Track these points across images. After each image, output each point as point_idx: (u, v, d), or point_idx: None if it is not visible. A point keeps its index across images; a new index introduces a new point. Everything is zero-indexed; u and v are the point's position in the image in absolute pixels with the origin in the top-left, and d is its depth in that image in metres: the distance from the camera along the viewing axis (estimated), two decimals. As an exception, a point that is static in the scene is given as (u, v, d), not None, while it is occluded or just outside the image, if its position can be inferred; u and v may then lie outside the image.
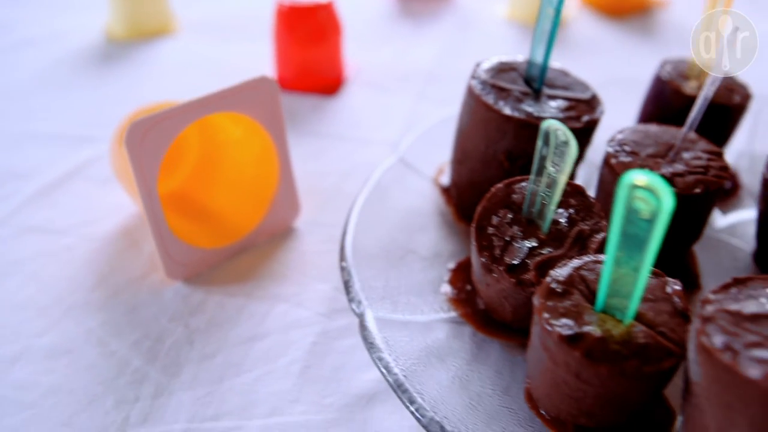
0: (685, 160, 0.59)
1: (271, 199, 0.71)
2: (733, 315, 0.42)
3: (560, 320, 0.45)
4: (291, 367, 0.58)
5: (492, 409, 0.52)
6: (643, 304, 0.46)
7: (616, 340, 0.44)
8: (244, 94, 0.65)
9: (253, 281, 0.67)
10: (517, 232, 0.53)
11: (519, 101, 0.62)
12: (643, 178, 0.37)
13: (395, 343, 0.55)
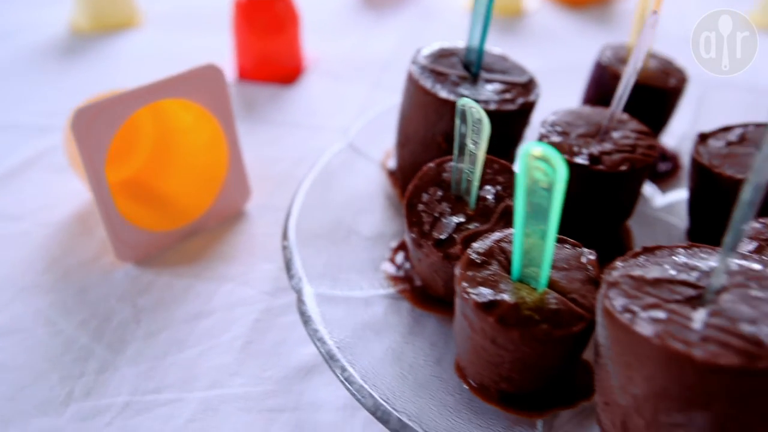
0: (614, 139, 0.61)
1: (221, 184, 0.72)
2: (636, 280, 0.44)
3: (477, 289, 0.47)
4: (233, 342, 0.60)
5: (423, 378, 0.54)
6: (558, 273, 0.48)
7: (528, 307, 0.46)
8: (191, 82, 0.66)
9: (202, 262, 0.68)
10: (446, 209, 0.55)
11: (456, 85, 0.64)
12: (539, 150, 0.39)
13: (332, 318, 0.57)
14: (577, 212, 0.62)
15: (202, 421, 0.54)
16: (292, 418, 0.54)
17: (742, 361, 0.37)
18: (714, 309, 0.41)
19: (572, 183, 0.59)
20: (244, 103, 0.94)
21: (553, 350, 0.46)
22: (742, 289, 0.42)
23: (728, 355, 0.38)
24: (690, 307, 0.41)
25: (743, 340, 0.38)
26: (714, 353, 0.38)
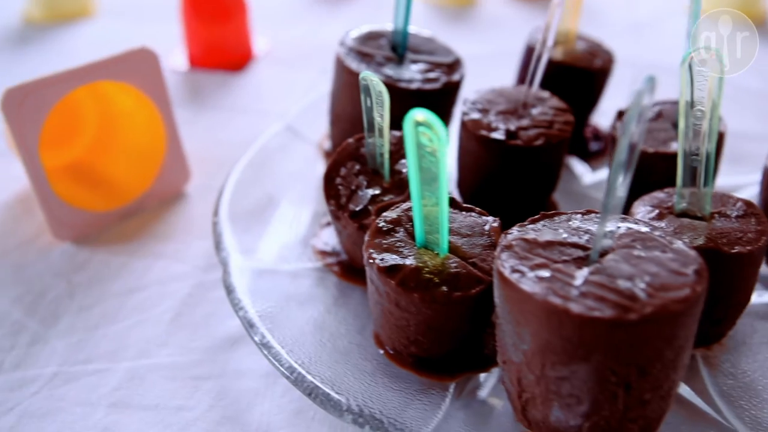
0: (533, 115, 0.64)
1: (160, 166, 0.74)
2: (529, 242, 0.46)
3: (382, 254, 0.49)
4: (164, 315, 0.62)
5: (343, 346, 0.56)
6: (461, 239, 0.50)
7: (429, 270, 0.48)
8: (125, 65, 0.68)
9: (139, 241, 0.70)
10: (362, 182, 0.57)
11: (381, 65, 0.66)
12: (422, 116, 0.41)
13: (256, 289, 0.59)
14: (500, 187, 0.64)
15: (128, 389, 0.56)
16: (215, 385, 0.56)
17: (615, 313, 0.40)
18: (597, 268, 0.43)
19: (491, 158, 0.62)
20: (193, 90, 0.96)
21: (454, 312, 0.48)
22: (626, 249, 0.45)
23: (603, 309, 0.40)
24: (575, 266, 0.44)
25: (618, 295, 0.41)
26: (590, 307, 0.40)
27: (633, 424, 0.44)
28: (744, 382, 0.54)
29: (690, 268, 0.43)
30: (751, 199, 0.55)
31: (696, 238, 0.51)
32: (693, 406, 0.52)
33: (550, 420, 0.45)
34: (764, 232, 0.51)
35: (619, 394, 0.42)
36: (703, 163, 0.52)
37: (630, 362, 0.41)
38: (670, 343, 0.41)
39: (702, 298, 0.42)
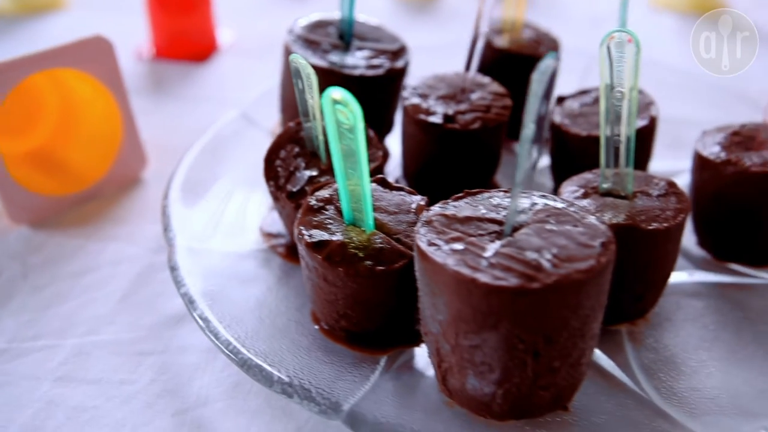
0: (472, 100, 0.66)
1: (117, 152, 0.76)
2: (448, 218, 0.48)
3: (311, 231, 0.51)
4: (113, 294, 0.64)
5: (281, 323, 0.58)
6: (388, 216, 0.52)
7: (355, 246, 0.50)
8: (80, 53, 0.70)
9: (95, 224, 0.72)
10: (300, 164, 0.59)
11: (327, 52, 0.68)
12: (338, 94, 0.43)
13: (200, 269, 0.60)
14: (441, 170, 0.66)
15: (74, 363, 0.57)
16: (158, 360, 0.58)
17: (520, 283, 0.42)
18: (509, 241, 0.45)
19: (430, 142, 0.64)
20: (157, 79, 0.97)
21: (378, 286, 0.50)
22: (540, 224, 0.47)
23: (508, 278, 0.42)
24: (489, 240, 0.46)
25: (525, 266, 0.43)
26: (496, 276, 0.42)
27: (545, 391, 0.46)
28: (665, 356, 0.56)
29: (597, 241, 0.45)
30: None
31: (616, 216, 0.53)
32: (614, 378, 0.54)
33: (466, 388, 0.47)
34: (682, 210, 0.54)
35: (528, 361, 0.44)
36: (624, 145, 0.54)
37: (536, 330, 0.43)
38: (575, 312, 0.43)
39: (607, 269, 0.44)
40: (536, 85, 0.41)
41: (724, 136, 0.63)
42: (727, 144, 0.62)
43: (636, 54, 0.50)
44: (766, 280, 0.62)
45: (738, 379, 0.53)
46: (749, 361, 0.55)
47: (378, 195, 0.54)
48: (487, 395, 0.47)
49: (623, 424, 0.50)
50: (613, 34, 0.50)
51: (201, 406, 0.54)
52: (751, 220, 0.61)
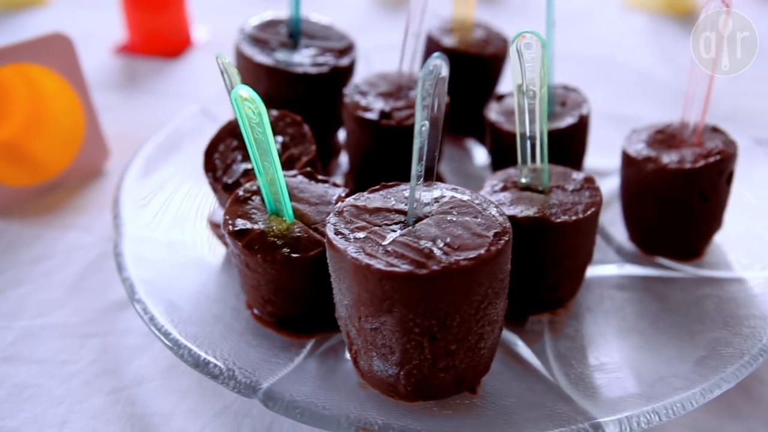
0: (409, 97, 0.68)
1: (80, 145, 0.79)
2: (359, 208, 0.51)
3: (235, 220, 0.54)
4: (66, 280, 0.67)
5: (218, 309, 0.61)
6: (309, 207, 0.55)
7: (274, 234, 0.53)
8: (41, 49, 0.73)
9: (55, 214, 0.75)
10: (237, 157, 0.62)
11: (274, 51, 0.71)
12: (245, 92, 0.46)
13: (145, 257, 0.63)
14: (382, 165, 0.69)
15: (21, 345, 0.61)
16: (101, 342, 0.61)
17: (410, 269, 0.44)
18: (409, 230, 0.48)
19: (368, 138, 0.66)
20: (129, 74, 1.01)
21: (296, 273, 0.53)
22: (442, 215, 0.49)
23: (399, 265, 0.45)
24: (391, 229, 0.48)
25: (417, 253, 0.45)
26: (389, 263, 0.45)
27: (445, 373, 0.49)
28: (581, 345, 0.58)
29: (491, 231, 0.47)
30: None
31: (528, 209, 0.56)
32: (529, 365, 0.57)
33: (374, 370, 0.50)
34: (593, 204, 0.56)
35: (424, 344, 0.47)
36: (539, 141, 0.56)
37: (430, 314, 0.46)
38: (466, 297, 0.46)
39: (499, 258, 0.47)
40: (422, 83, 0.44)
41: (649, 134, 0.65)
42: (651, 142, 0.64)
43: (543, 55, 0.53)
44: (688, 273, 0.64)
45: (643, 366, 0.56)
46: (658, 350, 0.57)
47: (303, 187, 0.57)
48: (391, 376, 0.50)
49: (527, 407, 0.52)
50: (522, 35, 0.52)
51: (136, 386, 0.58)
52: (671, 215, 0.63)
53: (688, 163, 0.60)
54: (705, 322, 0.59)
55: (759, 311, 0.59)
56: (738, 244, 0.67)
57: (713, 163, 0.60)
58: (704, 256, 0.66)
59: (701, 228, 0.64)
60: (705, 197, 0.61)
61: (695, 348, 0.56)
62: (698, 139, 0.63)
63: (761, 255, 0.64)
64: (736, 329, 0.57)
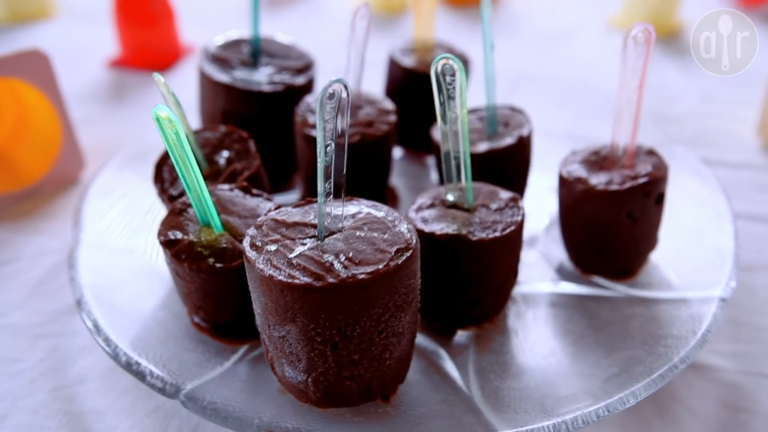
0: (357, 116, 0.71)
1: (56, 155, 0.83)
2: (278, 222, 0.53)
3: (169, 230, 0.57)
4: (27, 283, 0.71)
5: (162, 315, 0.64)
6: (239, 220, 0.58)
7: (202, 245, 0.56)
8: (19, 64, 0.77)
9: (27, 219, 0.80)
10: (184, 170, 0.65)
11: (234, 69, 0.74)
12: (163, 111, 0.49)
13: (99, 263, 0.67)
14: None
15: (-23, 343, 0.65)
16: (51, 342, 0.65)
17: (308, 281, 0.47)
18: (317, 245, 0.50)
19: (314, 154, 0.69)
20: (117, 87, 1.05)
21: (221, 282, 0.56)
22: (354, 230, 0.52)
23: (300, 277, 0.47)
24: (302, 243, 0.51)
25: (319, 267, 0.48)
26: (290, 275, 0.48)
27: (350, 381, 0.52)
28: (502, 359, 0.60)
29: (394, 247, 0.50)
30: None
31: (448, 226, 0.58)
32: (448, 377, 0.59)
33: (285, 376, 0.53)
34: (513, 224, 0.58)
35: (327, 352, 0.50)
36: (463, 161, 0.59)
37: (330, 324, 0.48)
38: (365, 309, 0.48)
39: (399, 273, 0.49)
40: (320, 107, 0.46)
41: (585, 155, 0.67)
42: (585, 163, 0.66)
43: (462, 79, 0.55)
44: (619, 292, 0.66)
45: (557, 382, 0.57)
46: (574, 366, 0.59)
47: (237, 200, 0.60)
48: (301, 383, 0.52)
49: (436, 417, 0.54)
50: (443, 59, 0.55)
51: (77, 384, 0.61)
52: (601, 235, 0.65)
53: (615, 185, 0.62)
54: (626, 341, 0.61)
55: (678, 332, 0.60)
56: (672, 264, 0.68)
57: (640, 185, 0.62)
58: (638, 276, 0.68)
59: (632, 248, 0.65)
60: (633, 218, 0.63)
61: (609, 365, 0.58)
62: (630, 161, 0.64)
63: (690, 276, 0.66)
64: (652, 348, 0.59)
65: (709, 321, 0.60)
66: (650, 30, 0.59)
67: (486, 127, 0.71)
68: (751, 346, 0.64)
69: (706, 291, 0.63)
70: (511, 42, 1.19)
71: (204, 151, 0.66)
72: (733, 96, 1.00)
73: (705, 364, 0.62)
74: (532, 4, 1.34)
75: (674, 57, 1.13)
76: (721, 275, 0.64)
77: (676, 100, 1.01)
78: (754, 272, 0.72)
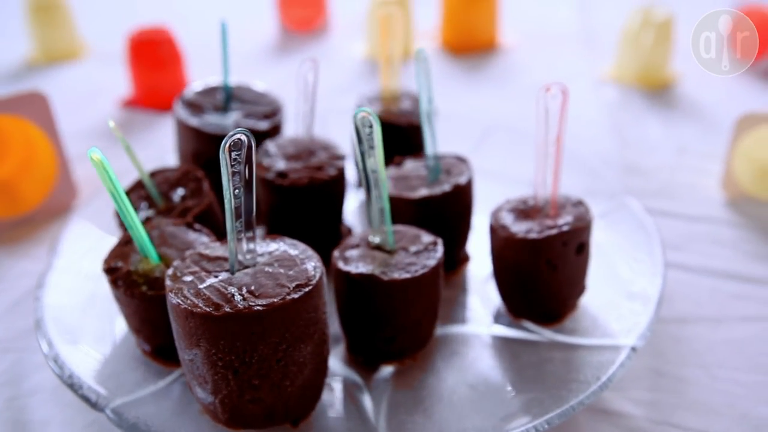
0: (309, 160, 0.76)
1: (51, 186, 0.91)
2: (202, 256, 0.59)
3: (114, 259, 0.63)
4: (5, 302, 0.78)
5: (113, 338, 0.70)
6: (176, 252, 0.64)
7: (138, 274, 0.62)
8: (20, 104, 0.86)
9: (17, 244, 0.87)
10: (143, 205, 0.72)
11: (204, 114, 0.81)
12: (96, 154, 0.55)
13: (69, 286, 0.74)
14: (284, 219, 0.77)
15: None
16: (14, 356, 0.71)
17: (207, 310, 0.52)
18: (228, 278, 0.56)
19: (269, 196, 0.75)
20: (124, 126, 1.14)
21: (154, 308, 0.61)
22: (265, 266, 0.57)
23: (201, 306, 0.52)
24: (215, 275, 0.56)
25: (221, 297, 0.53)
26: (192, 304, 0.53)
27: (254, 405, 0.56)
28: (417, 395, 0.64)
29: (294, 283, 0.54)
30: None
31: (365, 266, 0.62)
32: (362, 408, 0.63)
33: (198, 397, 0.58)
34: (427, 267, 0.62)
35: (229, 377, 0.54)
36: (384, 206, 0.63)
37: (229, 351, 0.53)
38: (262, 339, 0.53)
39: (296, 306, 0.53)
40: (225, 155, 0.52)
41: (515, 204, 0.70)
42: (513, 211, 0.69)
43: (378, 131, 0.60)
44: (544, 337, 0.69)
45: (457, 418, 0.60)
46: (478, 404, 0.62)
47: (179, 234, 0.65)
48: (211, 404, 0.57)
49: (338, 445, 0.58)
50: (362, 112, 0.60)
51: (30, 396, 0.67)
52: (524, 282, 0.68)
53: (534, 233, 0.65)
54: (535, 383, 0.63)
55: (584, 376, 0.62)
56: (599, 311, 0.71)
57: (557, 234, 0.65)
58: (566, 321, 0.70)
59: (554, 295, 0.68)
60: (552, 266, 0.66)
61: (510, 405, 0.61)
62: (554, 211, 0.67)
63: (612, 324, 0.68)
64: (555, 391, 0.61)
65: (614, 368, 0.62)
66: (565, 90, 0.62)
67: (429, 174, 0.75)
68: (665, 396, 0.66)
69: (620, 339, 0.65)
70: (500, 91, 1.23)
71: (162, 188, 0.72)
72: (708, 150, 1.02)
73: (616, 411, 0.64)
74: (532, 55, 1.38)
75: (660, 110, 1.15)
76: (638, 325, 0.66)
77: (651, 152, 1.03)
78: (687, 324, 0.73)
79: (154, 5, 1.66)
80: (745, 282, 0.79)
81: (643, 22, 1.18)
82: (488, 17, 1.38)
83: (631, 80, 1.22)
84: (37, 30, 1.35)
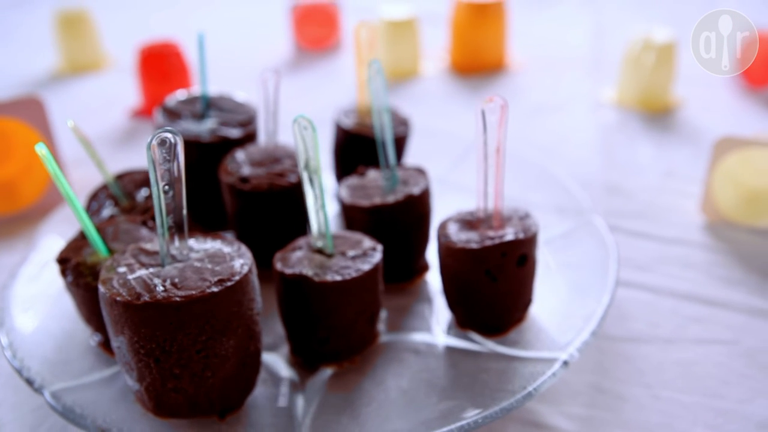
0: (273, 167, 0.79)
1: (45, 185, 0.96)
2: (141, 250, 0.62)
3: (68, 252, 0.67)
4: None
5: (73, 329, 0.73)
6: (123, 246, 0.67)
7: (86, 266, 0.65)
8: (19, 107, 0.91)
9: (9, 238, 0.92)
10: (108, 204, 0.75)
11: (182, 121, 0.85)
12: (41, 149, 0.59)
13: (36, 280, 0.78)
14: (248, 223, 0.79)
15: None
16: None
17: (127, 299, 0.55)
18: (157, 271, 0.58)
19: (233, 200, 0.78)
20: (128, 134, 1.19)
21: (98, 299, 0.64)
22: (196, 261, 0.59)
23: (123, 294, 0.55)
24: (146, 268, 0.59)
25: (144, 287, 0.56)
26: (116, 292, 0.55)
27: (177, 393, 0.58)
28: (351, 398, 0.65)
29: (216, 278, 0.57)
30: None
31: (302, 268, 0.64)
32: (293, 407, 0.64)
33: (128, 384, 0.60)
34: (360, 270, 0.64)
35: (151, 364, 0.57)
36: (323, 212, 0.65)
37: (150, 339, 0.56)
38: (181, 329, 0.55)
39: (215, 299, 0.56)
40: (152, 155, 0.55)
41: (463, 215, 0.71)
42: (460, 222, 0.70)
43: (316, 137, 0.62)
44: (485, 348, 0.69)
45: (381, 421, 0.61)
46: (405, 409, 0.63)
47: (132, 231, 0.69)
48: (138, 391, 0.59)
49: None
50: (299, 119, 0.62)
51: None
52: (465, 292, 0.68)
53: (474, 244, 0.66)
54: (465, 391, 0.64)
55: (513, 387, 0.63)
56: (545, 324, 0.71)
57: (495, 245, 0.65)
58: (511, 333, 0.70)
59: (496, 306, 0.69)
60: (492, 276, 0.66)
61: (434, 410, 0.62)
62: (497, 222, 0.68)
63: (553, 338, 0.68)
64: (480, 400, 0.62)
65: (542, 380, 0.62)
66: (504, 103, 0.63)
67: (386, 184, 0.77)
68: (601, 413, 0.65)
69: (554, 353, 0.65)
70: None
71: (128, 188, 0.76)
72: (695, 174, 1.01)
73: (547, 424, 0.64)
74: (537, 77, 1.39)
75: (655, 133, 1.14)
76: (576, 340, 0.66)
77: (637, 174, 1.03)
78: (639, 343, 0.73)
79: (174, 21, 1.74)
80: (708, 305, 0.77)
81: (644, 46, 1.18)
82: (496, 39, 1.40)
83: (632, 103, 1.21)
84: (63, 42, 1.43)
